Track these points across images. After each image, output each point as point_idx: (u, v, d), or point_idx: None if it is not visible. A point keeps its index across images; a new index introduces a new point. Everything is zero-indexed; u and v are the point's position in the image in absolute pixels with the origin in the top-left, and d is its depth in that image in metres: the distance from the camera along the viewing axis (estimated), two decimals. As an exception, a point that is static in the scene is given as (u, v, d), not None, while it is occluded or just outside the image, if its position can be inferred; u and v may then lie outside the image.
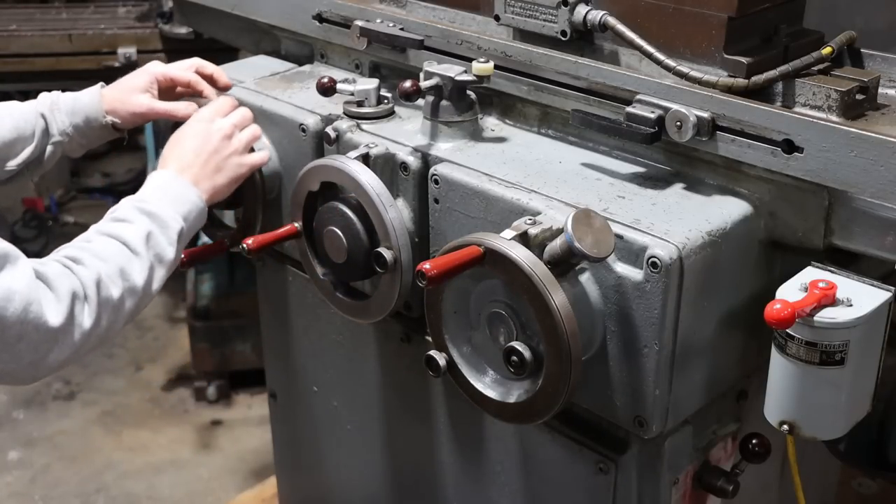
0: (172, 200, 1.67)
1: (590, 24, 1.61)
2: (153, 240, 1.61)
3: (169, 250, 1.63)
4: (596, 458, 1.59)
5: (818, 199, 1.45)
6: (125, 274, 1.56)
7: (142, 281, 1.58)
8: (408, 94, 1.65)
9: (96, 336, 1.52)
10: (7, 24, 3.71)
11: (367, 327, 1.93)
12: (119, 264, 1.55)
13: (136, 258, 1.58)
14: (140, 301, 1.60)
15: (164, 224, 1.63)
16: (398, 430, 2.01)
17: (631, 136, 1.53)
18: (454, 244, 1.44)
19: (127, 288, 1.56)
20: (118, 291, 1.54)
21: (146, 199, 1.66)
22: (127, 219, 1.62)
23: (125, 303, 1.56)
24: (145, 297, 1.61)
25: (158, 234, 1.62)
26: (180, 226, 1.65)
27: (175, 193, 1.69)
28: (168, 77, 1.96)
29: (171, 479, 3.41)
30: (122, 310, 1.56)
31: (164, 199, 1.66)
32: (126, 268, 1.56)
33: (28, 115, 1.89)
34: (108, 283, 1.53)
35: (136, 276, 1.57)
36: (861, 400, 1.43)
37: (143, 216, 1.62)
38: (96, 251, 1.55)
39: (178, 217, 1.66)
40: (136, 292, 1.58)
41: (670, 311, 1.39)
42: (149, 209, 1.63)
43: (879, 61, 1.57)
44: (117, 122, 1.92)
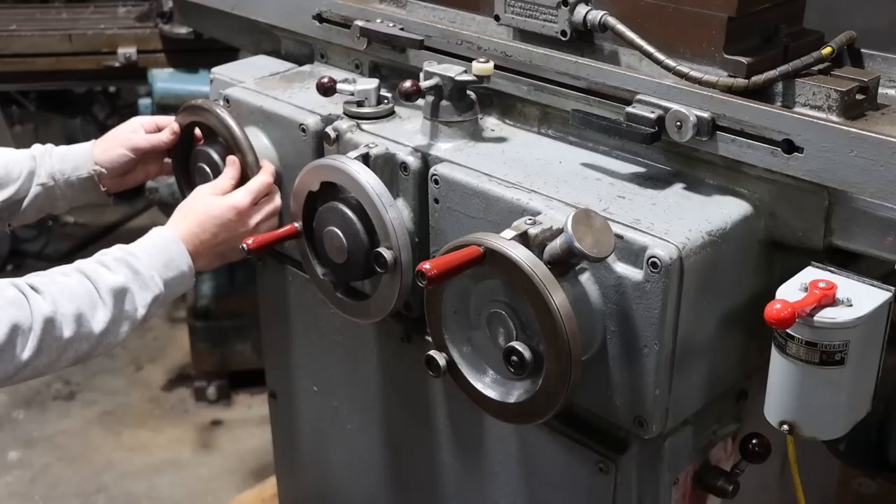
0: (163, 265, 1.68)
1: (590, 24, 1.61)
2: (127, 296, 1.61)
3: (139, 311, 1.63)
4: (596, 458, 1.59)
5: (818, 199, 1.45)
6: (82, 319, 1.56)
7: (99, 330, 1.58)
8: (408, 94, 1.65)
9: (32, 368, 1.53)
10: (7, 24, 3.71)
11: (367, 327, 1.93)
12: (79, 308, 1.56)
13: (100, 307, 1.58)
14: (93, 348, 1.60)
15: (143, 284, 1.64)
16: (398, 430, 2.01)
17: (631, 136, 1.53)
18: (454, 244, 1.44)
19: (81, 333, 1.56)
20: (69, 333, 1.55)
21: (136, 254, 1.67)
22: (110, 266, 1.63)
23: (74, 345, 1.57)
24: (100, 347, 1.61)
25: (134, 293, 1.62)
26: (159, 291, 1.66)
27: (168, 258, 1.70)
28: (154, 123, 2.00)
29: (171, 479, 3.41)
30: (70, 351, 1.57)
31: (154, 260, 1.67)
32: (86, 313, 1.56)
33: (18, 158, 1.92)
34: (60, 322, 1.53)
35: (94, 324, 1.57)
36: (861, 400, 1.43)
37: (127, 270, 1.63)
38: (62, 287, 1.56)
39: (160, 281, 1.66)
40: (90, 339, 1.58)
41: (670, 311, 1.39)
42: (135, 266, 1.64)
43: (879, 61, 1.57)
44: (102, 173, 1.94)
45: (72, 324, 1.55)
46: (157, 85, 3.63)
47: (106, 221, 4.97)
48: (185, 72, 3.61)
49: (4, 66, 3.66)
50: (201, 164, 1.94)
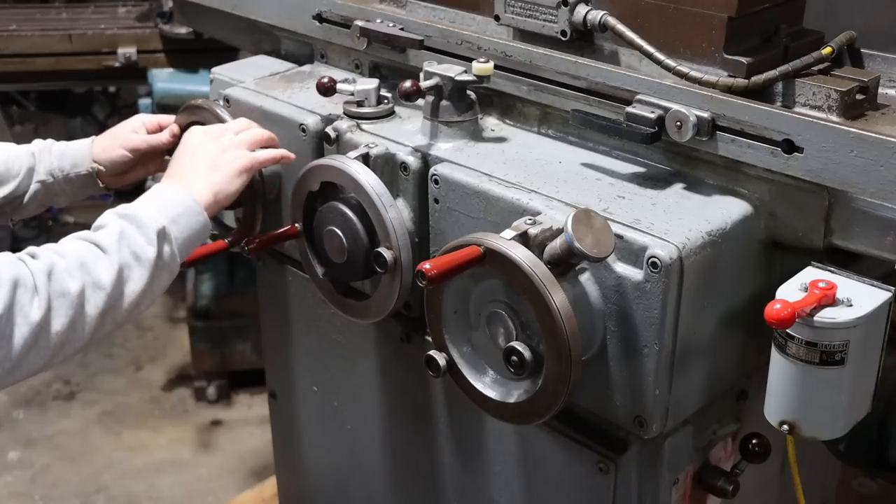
0: (158, 205, 1.61)
1: (590, 24, 1.61)
2: (126, 238, 1.53)
3: (148, 249, 1.53)
4: (596, 458, 1.59)
5: (818, 199, 1.45)
6: (86, 268, 1.47)
7: (110, 278, 1.48)
8: (408, 94, 1.65)
9: (56, 334, 1.42)
10: (7, 24, 3.71)
11: (367, 327, 1.93)
12: (80, 258, 1.47)
13: (103, 256, 1.50)
14: (111, 299, 1.48)
15: (140, 223, 1.55)
16: (398, 430, 2.01)
17: (631, 136, 1.53)
18: (454, 244, 1.44)
19: (89, 282, 1.46)
20: (76, 285, 1.44)
21: (127, 206, 1.61)
22: (102, 224, 1.57)
23: (89, 298, 1.46)
24: (121, 297, 1.50)
25: (134, 233, 1.53)
26: (160, 225, 1.56)
27: (162, 199, 1.63)
28: (157, 122, 1.98)
29: (171, 479, 3.41)
30: (87, 306, 1.46)
31: (146, 204, 1.61)
32: (88, 262, 1.47)
33: (19, 154, 1.90)
34: (62, 274, 1.44)
35: (101, 272, 1.47)
36: (861, 400, 1.43)
37: (120, 219, 1.56)
38: (58, 248, 1.49)
39: (160, 217, 1.57)
40: (103, 287, 1.47)
41: (670, 311, 1.39)
42: (126, 212, 1.58)
43: (879, 61, 1.57)
44: (101, 170, 1.92)
45: (76, 273, 1.45)
46: (157, 85, 3.63)
47: (106, 221, 4.96)
48: (185, 72, 3.61)
49: (4, 66, 3.66)
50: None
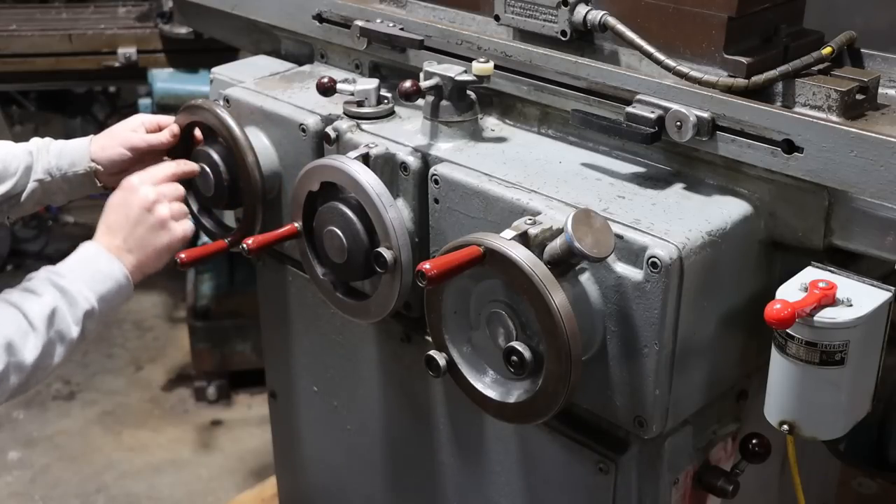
0: (90, 277, 1.63)
1: (590, 24, 1.61)
2: (57, 316, 1.56)
3: (73, 329, 1.58)
4: (596, 458, 1.59)
5: (818, 199, 1.45)
6: (12, 349, 1.51)
7: (32, 357, 1.53)
8: (408, 94, 1.65)
9: None
10: (7, 24, 3.71)
11: (367, 327, 1.93)
12: (8, 338, 1.51)
13: (31, 333, 1.53)
14: (30, 377, 1.55)
15: (73, 301, 1.59)
16: (398, 430, 2.01)
17: (631, 136, 1.53)
18: (454, 244, 1.44)
19: (12, 363, 1.51)
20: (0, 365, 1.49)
21: (61, 273, 1.62)
22: (36, 290, 1.58)
23: (8, 378, 1.51)
24: (38, 373, 1.56)
25: (64, 312, 1.57)
26: (90, 305, 1.60)
27: (95, 269, 1.65)
28: (156, 122, 1.98)
29: (171, 479, 3.41)
30: (4, 384, 1.51)
31: (80, 274, 1.63)
32: (16, 342, 1.51)
33: (17, 153, 1.90)
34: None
35: (26, 353, 1.52)
36: (861, 400, 1.43)
37: (54, 289, 1.59)
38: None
39: (92, 295, 1.61)
40: (24, 368, 1.52)
41: (670, 311, 1.39)
42: (61, 284, 1.60)
43: (879, 61, 1.57)
44: (99, 169, 1.92)
45: (2, 354, 1.50)
46: (157, 85, 3.63)
47: (106, 221, 4.96)
48: (185, 72, 3.62)
49: (4, 66, 3.66)
50: (201, 164, 1.94)
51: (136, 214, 1.73)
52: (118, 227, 1.72)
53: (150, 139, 1.95)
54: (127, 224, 1.72)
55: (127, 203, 1.74)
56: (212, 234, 2.06)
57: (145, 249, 1.72)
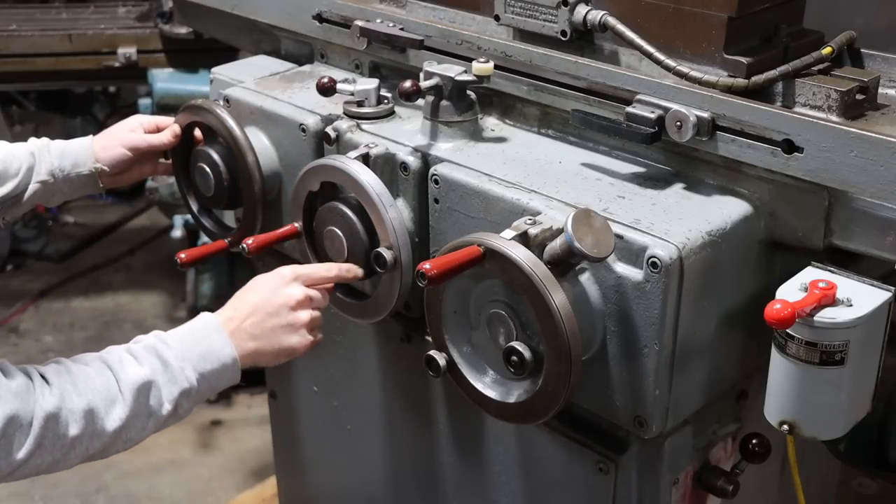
0: (198, 355, 1.53)
1: (590, 24, 1.61)
2: (151, 391, 1.48)
3: (165, 407, 1.49)
4: (596, 458, 1.59)
5: (818, 199, 1.45)
6: (94, 415, 1.43)
7: (114, 427, 1.45)
8: (408, 94, 1.65)
9: (33, 466, 1.40)
10: (7, 24, 3.71)
11: (367, 327, 1.93)
12: (91, 403, 1.43)
13: (119, 403, 1.45)
14: (108, 446, 1.47)
15: (172, 378, 1.50)
16: (398, 430, 2.01)
17: (631, 136, 1.53)
18: (454, 244, 1.44)
19: (91, 430, 1.43)
20: (75, 430, 1.41)
21: (168, 343, 1.53)
22: (137, 357, 1.50)
23: (84, 443, 1.43)
24: (117, 444, 1.48)
25: (160, 387, 1.49)
26: (189, 384, 1.51)
27: (206, 348, 1.54)
28: (154, 123, 1.97)
29: (171, 479, 3.41)
30: (78, 448, 1.43)
31: (189, 350, 1.53)
32: (98, 409, 1.43)
33: (17, 154, 1.88)
34: (65, 419, 1.40)
35: (108, 421, 1.44)
36: (861, 400, 1.43)
37: (155, 360, 1.50)
38: (77, 379, 1.44)
39: (194, 375, 1.52)
40: (102, 436, 1.45)
41: (670, 311, 1.39)
42: (165, 356, 1.51)
43: (879, 61, 1.57)
44: (104, 170, 1.92)
45: (80, 420, 1.41)
46: (157, 85, 3.63)
47: (106, 221, 4.97)
48: (185, 72, 3.62)
49: (4, 66, 3.66)
50: (201, 164, 1.94)
51: (276, 307, 1.61)
52: (251, 311, 1.60)
53: (151, 139, 1.95)
54: (262, 311, 1.61)
55: (272, 291, 1.63)
56: (212, 234, 2.06)
57: (269, 342, 1.61)
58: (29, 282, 4.53)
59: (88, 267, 4.64)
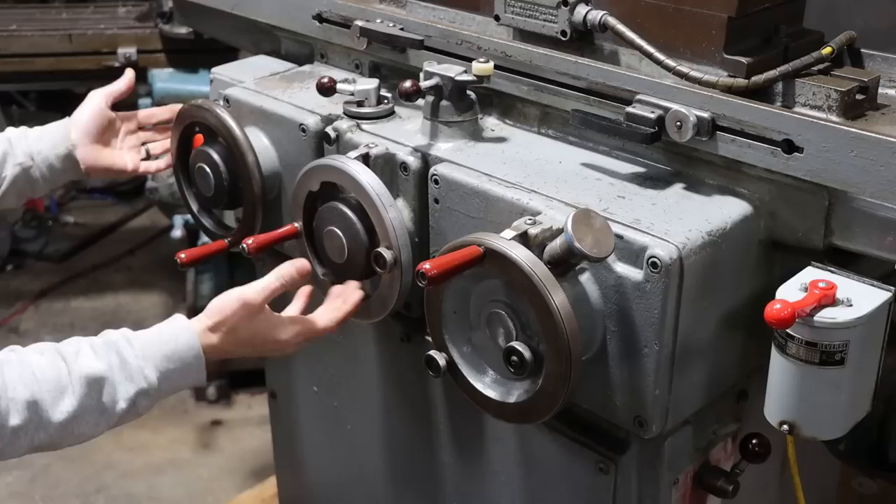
0: (164, 355, 1.52)
1: (590, 24, 1.61)
2: (104, 387, 1.45)
3: (119, 405, 1.46)
4: (596, 458, 1.59)
5: (818, 199, 1.45)
6: (38, 406, 1.40)
7: (61, 418, 1.42)
8: (408, 94, 1.65)
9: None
10: (7, 24, 3.71)
11: (367, 327, 1.93)
12: (36, 395, 1.40)
13: (68, 395, 1.42)
14: (57, 439, 1.43)
15: (128, 376, 1.47)
16: (398, 430, 2.01)
17: (631, 136, 1.53)
18: (454, 244, 1.44)
19: (36, 422, 1.40)
20: (18, 420, 1.38)
21: (131, 340, 1.50)
22: (96, 351, 1.47)
23: (28, 433, 1.40)
24: (67, 437, 1.44)
25: (115, 385, 1.45)
26: (147, 385, 1.49)
27: (173, 349, 1.53)
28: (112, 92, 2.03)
29: (171, 479, 3.41)
30: (22, 439, 1.40)
31: (151, 349, 1.51)
32: (44, 400, 1.40)
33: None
34: (7, 408, 1.37)
35: (53, 412, 1.41)
36: (861, 400, 1.43)
37: (114, 356, 1.47)
38: (24, 369, 1.41)
39: (153, 376, 1.49)
40: (48, 428, 1.41)
41: (670, 311, 1.39)
42: (123, 353, 1.48)
43: (879, 61, 1.57)
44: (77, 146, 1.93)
45: (22, 411, 1.38)
46: (157, 85, 3.63)
47: (106, 221, 4.97)
48: (185, 72, 3.62)
49: (4, 66, 3.66)
50: (201, 164, 1.94)
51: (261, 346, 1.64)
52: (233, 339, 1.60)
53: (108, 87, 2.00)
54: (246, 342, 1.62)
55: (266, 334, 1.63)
56: (212, 234, 2.06)
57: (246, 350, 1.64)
58: (29, 282, 4.54)
59: (88, 267, 4.64)
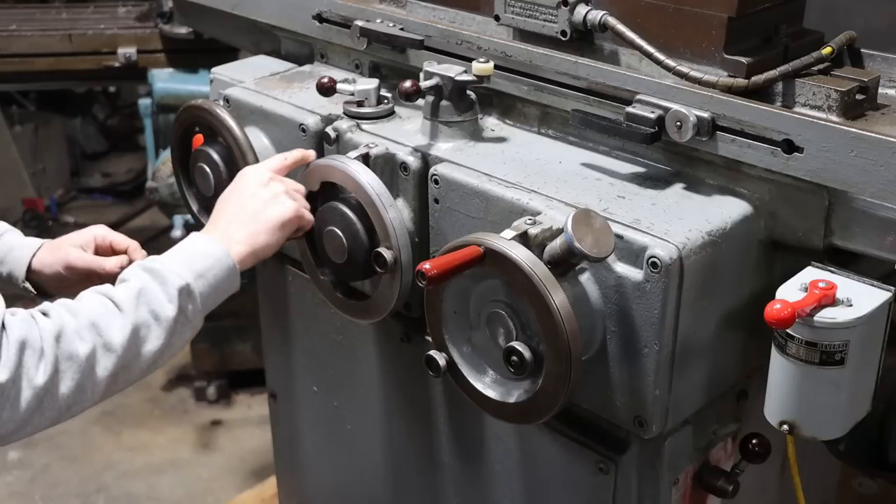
0: (187, 258, 1.51)
1: (590, 24, 1.61)
2: (145, 295, 1.44)
3: (167, 307, 1.45)
4: (596, 458, 1.59)
5: (818, 199, 1.45)
6: (98, 328, 1.39)
7: (122, 338, 1.40)
8: (408, 94, 1.65)
9: (62, 397, 1.37)
10: (7, 24, 3.72)
11: (367, 327, 1.93)
12: (92, 318, 1.40)
13: (118, 315, 1.41)
14: (124, 362, 1.42)
15: (163, 279, 1.46)
16: (398, 430, 2.01)
17: (631, 136, 1.53)
18: (454, 244, 1.44)
19: (100, 344, 1.39)
20: (86, 347, 1.38)
21: (154, 258, 1.51)
22: (125, 278, 1.48)
23: (99, 361, 1.39)
24: (134, 359, 1.43)
25: (154, 290, 1.45)
26: (184, 281, 1.47)
27: (192, 251, 1.52)
28: (108, 240, 1.85)
29: (171, 479, 3.41)
30: (97, 368, 1.39)
31: (175, 257, 1.51)
32: (100, 323, 1.40)
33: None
34: (72, 336, 1.37)
35: (113, 334, 1.40)
36: (861, 400, 1.43)
37: (142, 273, 1.47)
38: (73, 306, 1.41)
39: (186, 272, 1.48)
40: (114, 349, 1.40)
41: (670, 311, 1.39)
42: (150, 265, 1.48)
43: (879, 61, 1.57)
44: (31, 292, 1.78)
45: (87, 335, 1.38)
46: (157, 85, 3.64)
47: (106, 221, 4.94)
48: (185, 72, 3.62)
49: (4, 66, 3.67)
50: (201, 164, 1.94)
51: (249, 192, 1.62)
52: (225, 208, 1.61)
53: (90, 261, 1.79)
54: (237, 202, 1.61)
55: (239, 184, 1.64)
56: (212, 234, 2.06)
57: (256, 223, 1.60)
58: (29, 282, 4.54)
59: (88, 267, 4.64)
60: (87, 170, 5.45)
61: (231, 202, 1.64)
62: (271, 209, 1.62)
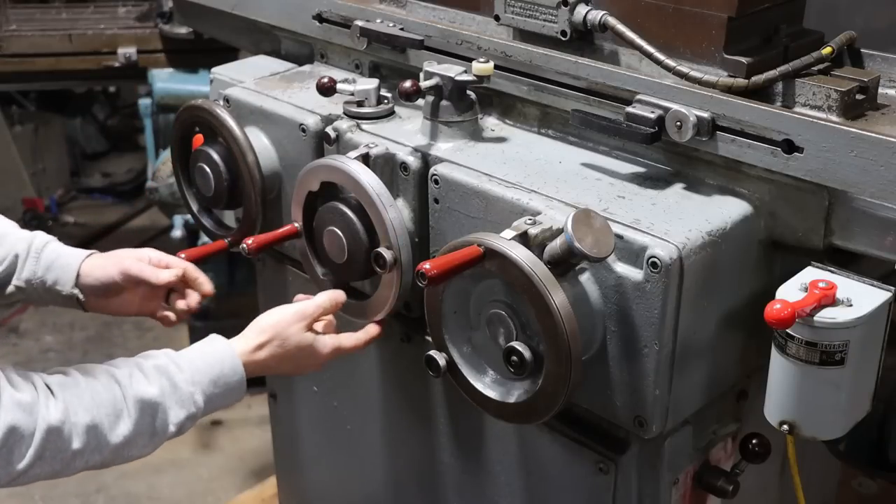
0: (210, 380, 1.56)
1: (590, 24, 1.61)
2: (158, 412, 1.49)
3: (170, 428, 1.51)
4: (596, 458, 1.59)
5: (818, 199, 1.45)
6: (97, 431, 1.44)
7: (117, 442, 1.46)
8: (408, 94, 1.65)
9: (32, 476, 1.40)
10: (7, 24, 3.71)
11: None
12: (95, 419, 1.43)
13: (125, 418, 1.46)
14: (109, 460, 1.48)
15: (180, 401, 1.51)
16: (398, 430, 2.01)
17: (631, 136, 1.53)
18: (454, 244, 1.44)
19: (94, 445, 1.44)
20: (79, 444, 1.42)
21: (180, 365, 1.54)
22: (147, 375, 1.51)
23: (84, 456, 1.44)
24: (119, 459, 1.49)
25: (167, 409, 1.50)
26: (196, 409, 1.53)
27: (218, 374, 1.57)
28: (163, 262, 1.83)
29: (171, 479, 3.41)
30: (78, 461, 1.44)
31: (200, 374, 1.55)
32: (102, 424, 1.44)
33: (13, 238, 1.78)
34: (69, 433, 1.41)
35: (111, 436, 1.45)
36: (861, 400, 1.43)
37: (165, 381, 1.51)
38: (83, 392, 1.44)
39: (201, 401, 1.54)
40: (103, 450, 1.46)
41: (670, 311, 1.39)
42: (174, 379, 1.52)
43: (879, 61, 1.57)
44: (80, 297, 1.79)
45: (82, 435, 1.42)
46: (157, 85, 3.64)
47: (106, 221, 4.97)
48: (185, 72, 3.62)
49: (4, 66, 3.67)
50: (201, 164, 1.94)
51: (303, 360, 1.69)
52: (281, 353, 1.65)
53: (145, 270, 1.79)
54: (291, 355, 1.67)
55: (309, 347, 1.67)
56: (212, 234, 2.06)
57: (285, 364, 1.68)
58: (29, 282, 4.53)
59: (88, 267, 4.64)
60: (87, 170, 5.45)
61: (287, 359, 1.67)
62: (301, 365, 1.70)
